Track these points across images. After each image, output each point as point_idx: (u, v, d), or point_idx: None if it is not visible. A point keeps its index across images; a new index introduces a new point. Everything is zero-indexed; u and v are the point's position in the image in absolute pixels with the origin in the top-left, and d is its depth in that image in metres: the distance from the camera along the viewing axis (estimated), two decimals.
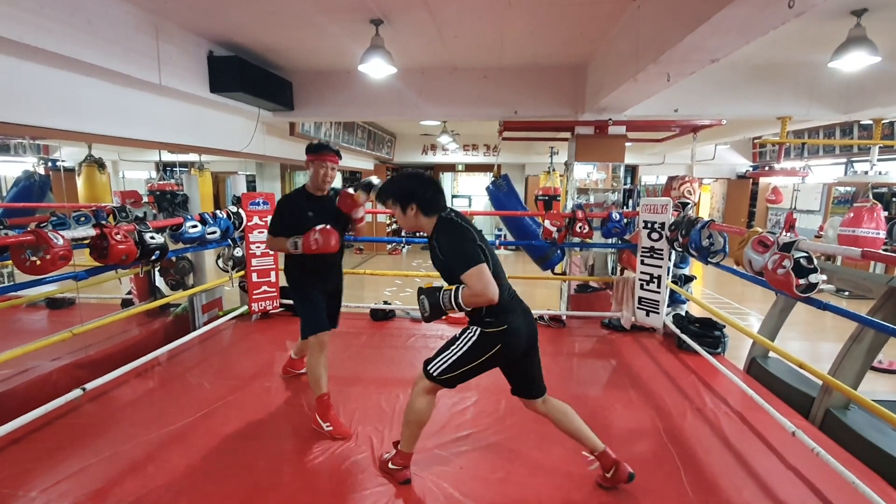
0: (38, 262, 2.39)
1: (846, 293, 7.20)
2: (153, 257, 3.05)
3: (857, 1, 3.01)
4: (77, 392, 2.70)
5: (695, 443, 2.57)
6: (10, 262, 3.24)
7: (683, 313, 4.34)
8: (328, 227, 2.57)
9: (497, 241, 8.62)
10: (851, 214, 5.08)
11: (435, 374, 2.04)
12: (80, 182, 5.54)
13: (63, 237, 2.46)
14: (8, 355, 2.55)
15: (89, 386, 2.78)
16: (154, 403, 2.94)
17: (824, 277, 2.38)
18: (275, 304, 4.54)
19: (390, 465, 2.21)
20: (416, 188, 2.02)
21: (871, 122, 6.04)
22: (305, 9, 3.31)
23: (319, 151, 2.66)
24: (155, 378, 3.29)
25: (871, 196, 5.04)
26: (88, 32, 2.89)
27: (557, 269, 5.28)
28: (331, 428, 2.56)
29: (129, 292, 4.78)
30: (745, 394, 2.98)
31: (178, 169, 7.66)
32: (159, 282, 4.79)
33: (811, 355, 2.64)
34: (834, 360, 2.87)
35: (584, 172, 5.16)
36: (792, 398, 3.08)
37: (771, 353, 3.67)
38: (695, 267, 4.88)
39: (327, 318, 2.74)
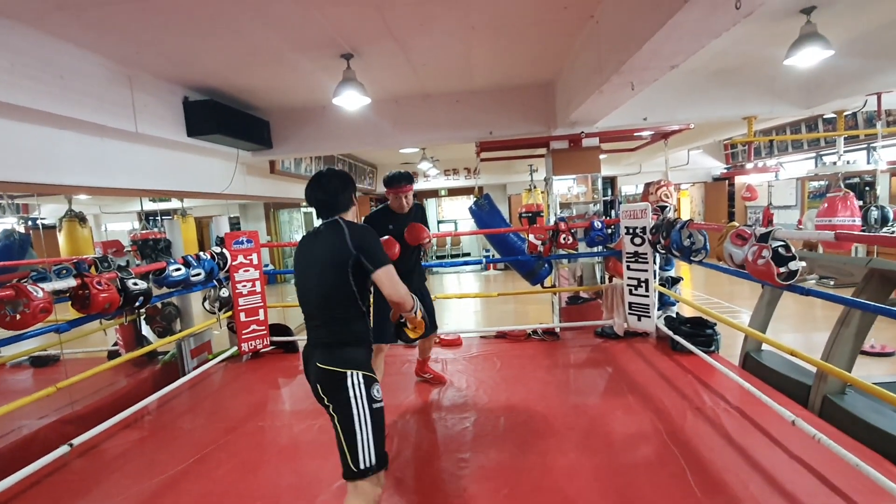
0: (19, 317, 2.35)
1: (831, 283, 7.30)
2: (137, 303, 3.02)
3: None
4: (64, 448, 2.61)
5: (697, 442, 2.55)
6: None
7: (674, 315, 4.36)
8: (388, 237, 2.76)
9: (485, 261, 8.68)
10: (826, 205, 5.20)
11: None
12: (61, 238, 5.49)
13: (43, 290, 2.42)
14: None
15: (77, 441, 2.70)
16: (145, 453, 2.85)
17: (803, 264, 2.42)
18: (265, 343, 4.47)
19: None
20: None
21: (833, 115, 6.25)
22: (276, 48, 3.39)
23: (393, 185, 2.97)
24: (145, 427, 3.21)
25: (842, 186, 5.18)
26: (61, 87, 2.92)
27: (547, 282, 5.30)
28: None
29: (116, 343, 4.68)
30: (742, 388, 2.97)
31: (160, 217, 7.62)
32: (146, 330, 4.71)
33: (805, 346, 2.66)
34: (825, 346, 2.90)
35: (565, 187, 5.25)
36: (789, 388, 3.08)
37: (764, 346, 3.69)
38: (681, 269, 4.94)
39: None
